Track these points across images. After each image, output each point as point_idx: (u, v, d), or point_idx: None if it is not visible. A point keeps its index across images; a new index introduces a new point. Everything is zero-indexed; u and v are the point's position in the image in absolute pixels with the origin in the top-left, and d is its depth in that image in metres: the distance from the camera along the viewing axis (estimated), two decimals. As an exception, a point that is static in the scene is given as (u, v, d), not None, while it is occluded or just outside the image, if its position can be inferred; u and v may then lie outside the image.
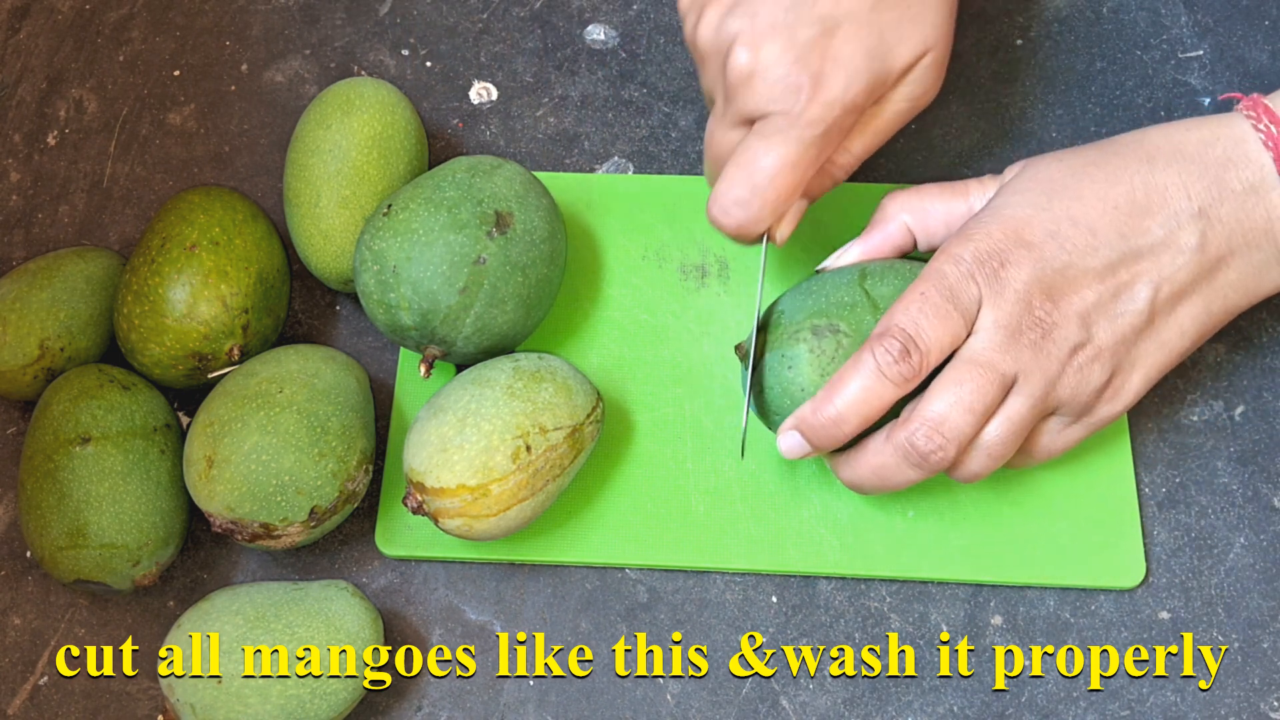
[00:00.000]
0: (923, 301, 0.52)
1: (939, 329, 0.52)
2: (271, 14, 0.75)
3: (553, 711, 0.59)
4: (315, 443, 0.56)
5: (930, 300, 0.52)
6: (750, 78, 0.55)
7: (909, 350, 0.52)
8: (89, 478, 0.57)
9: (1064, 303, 0.53)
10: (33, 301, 0.61)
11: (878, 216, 0.59)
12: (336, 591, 0.57)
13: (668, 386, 0.64)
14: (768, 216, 0.56)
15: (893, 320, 0.53)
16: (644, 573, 0.61)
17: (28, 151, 0.71)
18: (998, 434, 0.53)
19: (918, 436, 0.52)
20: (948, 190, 0.58)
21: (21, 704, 0.59)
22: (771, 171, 0.55)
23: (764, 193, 0.55)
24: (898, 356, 0.52)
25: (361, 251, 0.59)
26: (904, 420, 0.53)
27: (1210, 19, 0.72)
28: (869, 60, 0.55)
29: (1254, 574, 0.60)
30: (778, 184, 0.55)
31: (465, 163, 0.61)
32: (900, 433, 0.53)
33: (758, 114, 0.55)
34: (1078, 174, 0.54)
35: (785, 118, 0.54)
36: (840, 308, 0.55)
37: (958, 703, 0.58)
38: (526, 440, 0.56)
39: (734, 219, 0.56)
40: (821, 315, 0.55)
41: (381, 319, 0.59)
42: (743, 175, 0.55)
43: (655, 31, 0.73)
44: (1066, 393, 0.54)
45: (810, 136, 0.54)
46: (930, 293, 0.53)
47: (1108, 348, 0.53)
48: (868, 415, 0.53)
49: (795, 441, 0.55)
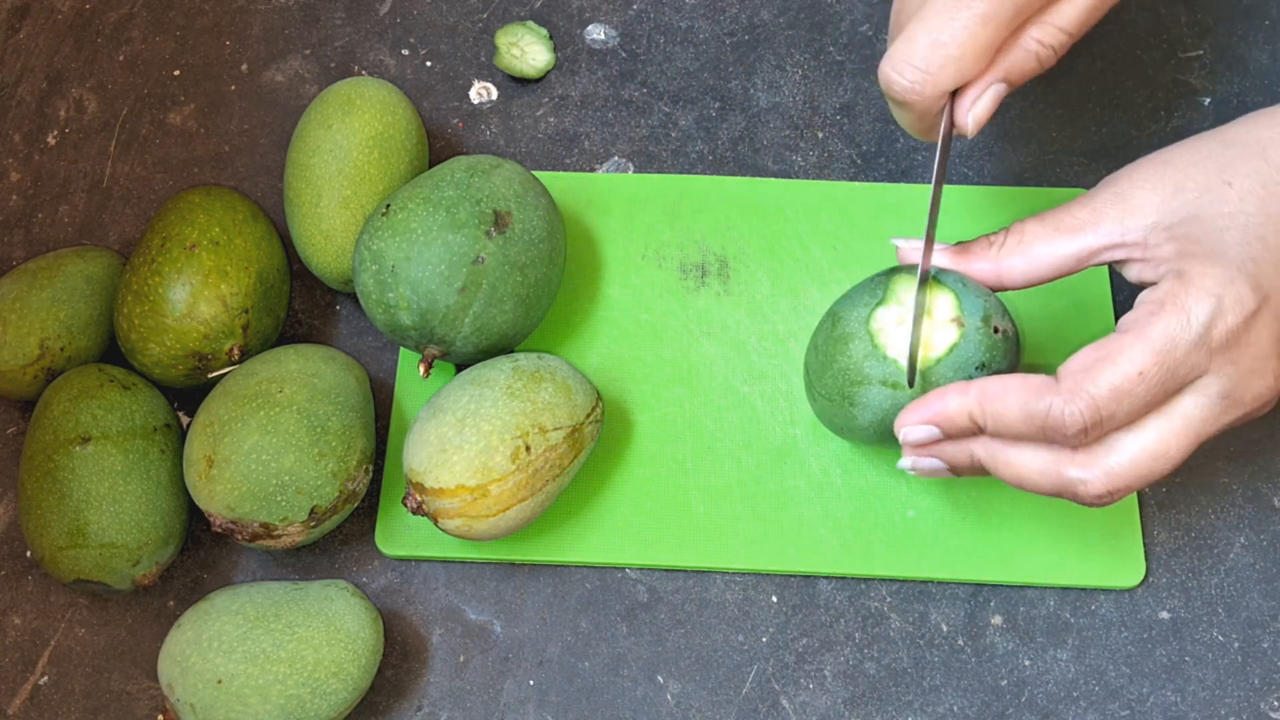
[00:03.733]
0: (1138, 380, 0.47)
1: (1134, 414, 0.47)
2: (271, 14, 0.75)
3: (553, 711, 0.59)
4: (315, 442, 0.56)
5: (1147, 381, 0.47)
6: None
7: (1088, 431, 0.47)
8: (89, 477, 0.57)
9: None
10: (33, 301, 0.61)
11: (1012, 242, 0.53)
12: (336, 591, 0.57)
13: (668, 386, 0.64)
14: (949, 78, 0.49)
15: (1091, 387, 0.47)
16: (644, 573, 0.61)
17: (28, 151, 0.71)
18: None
19: (1089, 494, 0.49)
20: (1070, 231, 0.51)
21: (21, 704, 0.59)
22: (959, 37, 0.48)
23: (948, 48, 0.48)
24: (1073, 431, 0.47)
25: (360, 251, 0.59)
26: (1079, 464, 0.49)
27: (1210, 19, 0.72)
28: None
29: (1254, 574, 0.60)
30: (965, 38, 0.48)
31: (464, 162, 0.61)
32: (1071, 473, 0.49)
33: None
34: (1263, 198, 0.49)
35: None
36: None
37: (958, 703, 0.58)
38: (526, 440, 0.56)
39: (909, 80, 0.49)
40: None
41: (380, 319, 0.59)
42: (925, 36, 0.48)
43: (655, 31, 0.73)
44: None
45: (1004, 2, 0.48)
46: (1150, 371, 0.47)
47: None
48: (1014, 431, 0.49)
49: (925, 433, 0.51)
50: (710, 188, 0.68)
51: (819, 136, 0.70)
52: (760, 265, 0.66)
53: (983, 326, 0.53)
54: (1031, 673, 0.59)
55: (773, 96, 0.71)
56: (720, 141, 0.70)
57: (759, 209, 0.67)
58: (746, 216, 0.67)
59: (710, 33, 0.73)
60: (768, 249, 0.66)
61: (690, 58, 0.72)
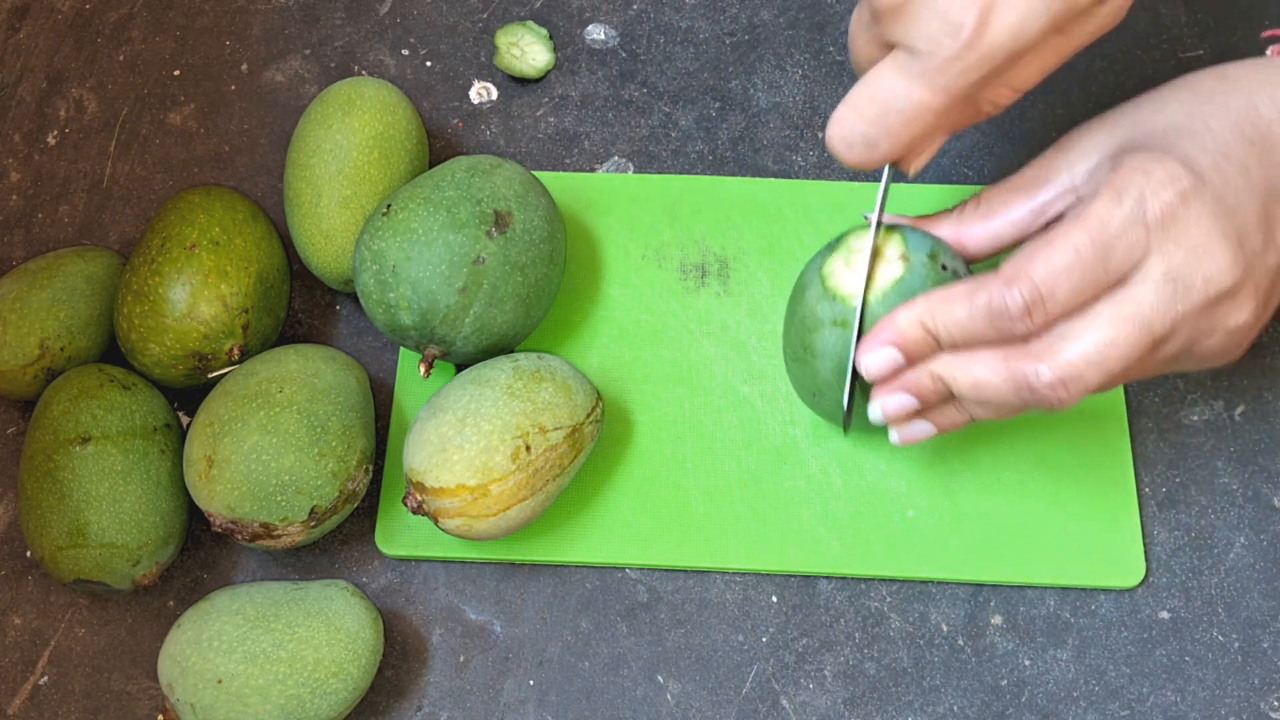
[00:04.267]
0: (1074, 258, 0.47)
1: (1076, 294, 0.47)
2: (271, 14, 0.75)
3: (553, 711, 0.59)
4: (315, 442, 0.56)
5: (1082, 258, 0.47)
6: (903, 5, 0.47)
7: (1031, 311, 0.47)
8: (89, 478, 0.57)
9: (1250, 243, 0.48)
10: (33, 301, 0.61)
11: (971, 207, 0.54)
12: (336, 591, 0.57)
13: (667, 386, 0.64)
14: (893, 154, 0.50)
15: (1029, 269, 0.47)
16: (644, 573, 0.61)
17: (28, 151, 0.71)
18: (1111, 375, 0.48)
19: (1043, 385, 0.48)
20: (1024, 189, 0.53)
21: (21, 704, 0.59)
22: (907, 114, 0.48)
23: (895, 133, 0.49)
24: (1016, 314, 0.47)
25: (361, 251, 0.59)
26: (1033, 355, 0.48)
27: (1210, 19, 0.72)
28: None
29: (1254, 574, 0.60)
30: (912, 126, 0.49)
31: (465, 162, 0.61)
32: (1024, 366, 0.48)
33: (905, 47, 0.48)
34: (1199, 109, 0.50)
35: (933, 60, 0.47)
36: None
37: (958, 703, 0.58)
38: (526, 440, 0.56)
39: (856, 155, 0.50)
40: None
41: (381, 319, 0.59)
42: (872, 109, 0.49)
43: (655, 31, 0.73)
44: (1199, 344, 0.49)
45: (960, 85, 0.48)
46: (1085, 248, 0.47)
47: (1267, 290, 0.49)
48: (957, 344, 0.49)
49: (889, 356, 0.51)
50: (710, 188, 0.68)
51: (819, 136, 0.70)
52: (760, 265, 0.66)
53: (929, 262, 0.53)
54: (1031, 673, 0.59)
55: (773, 96, 0.71)
56: (720, 141, 0.70)
57: (759, 209, 0.67)
58: (746, 216, 0.67)
59: (710, 33, 0.73)
60: (768, 249, 0.66)
61: (690, 58, 0.72)
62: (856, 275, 0.53)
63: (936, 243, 0.54)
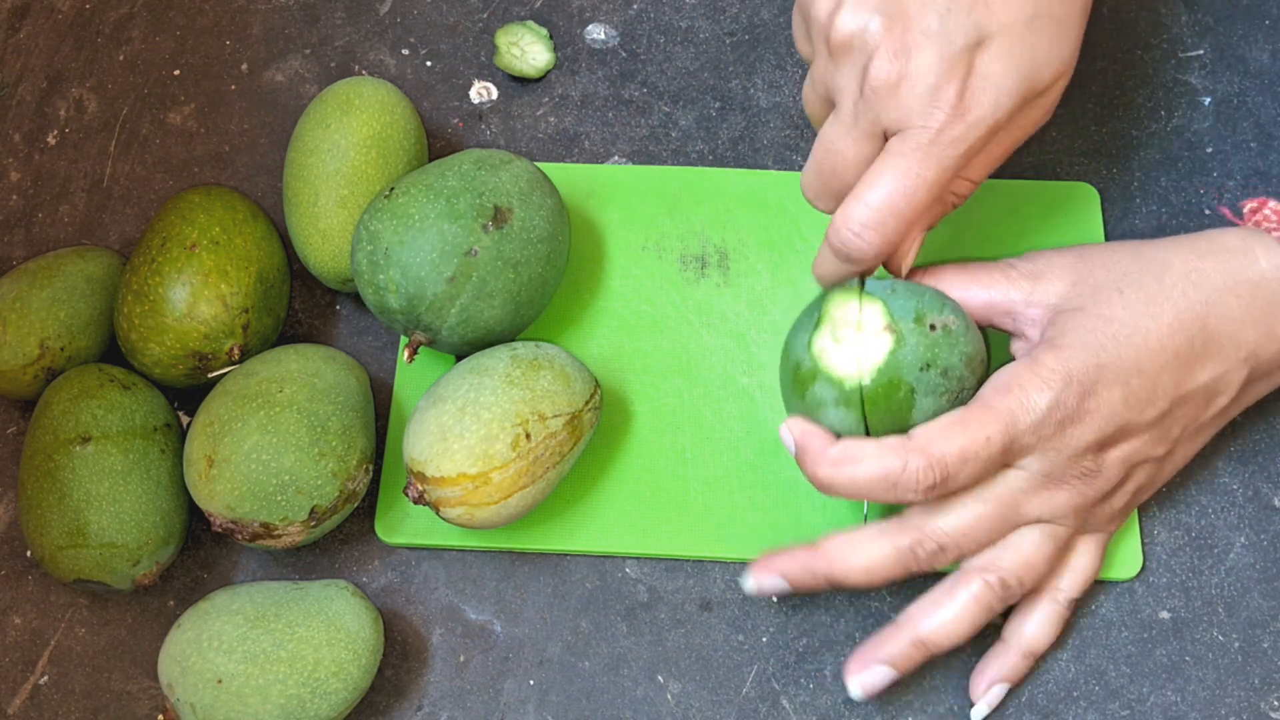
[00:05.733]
0: (985, 448, 0.51)
1: (978, 473, 0.52)
2: (271, 14, 0.75)
3: (553, 711, 0.59)
4: (315, 442, 0.56)
5: (992, 449, 0.51)
6: (896, 86, 0.50)
7: (935, 486, 0.52)
8: (89, 477, 0.57)
9: (1112, 453, 0.53)
10: (33, 301, 0.61)
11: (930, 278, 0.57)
12: (336, 591, 0.57)
13: (667, 377, 0.64)
14: (897, 241, 0.53)
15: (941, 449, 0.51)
16: (644, 572, 0.61)
17: (28, 151, 0.71)
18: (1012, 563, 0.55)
19: (920, 547, 0.53)
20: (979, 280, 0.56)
21: (21, 704, 0.59)
22: (909, 193, 0.51)
23: (900, 215, 0.51)
24: (922, 489, 0.52)
25: (359, 230, 0.59)
26: (910, 526, 0.54)
27: (1210, 18, 0.72)
28: (1019, 79, 0.51)
29: (1254, 574, 0.60)
30: (914, 206, 0.51)
31: (474, 155, 0.61)
32: (903, 537, 0.53)
33: (897, 126, 0.51)
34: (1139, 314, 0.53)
35: (926, 133, 0.50)
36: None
37: (958, 703, 0.58)
38: (526, 428, 0.56)
39: (869, 243, 0.52)
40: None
41: (370, 298, 0.60)
42: (878, 196, 0.51)
43: (655, 31, 0.73)
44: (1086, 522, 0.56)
45: (951, 157, 0.51)
46: (995, 440, 0.51)
47: (1140, 485, 0.56)
48: (868, 494, 0.53)
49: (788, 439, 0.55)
50: (710, 180, 0.68)
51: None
52: (760, 257, 0.66)
53: (916, 327, 0.53)
54: (1031, 673, 0.59)
55: (773, 96, 0.71)
56: (720, 141, 0.70)
57: (759, 202, 0.67)
58: (747, 209, 0.67)
59: (710, 32, 0.73)
60: (767, 241, 0.66)
61: (690, 57, 0.72)
62: (847, 352, 0.53)
63: (920, 298, 0.54)
